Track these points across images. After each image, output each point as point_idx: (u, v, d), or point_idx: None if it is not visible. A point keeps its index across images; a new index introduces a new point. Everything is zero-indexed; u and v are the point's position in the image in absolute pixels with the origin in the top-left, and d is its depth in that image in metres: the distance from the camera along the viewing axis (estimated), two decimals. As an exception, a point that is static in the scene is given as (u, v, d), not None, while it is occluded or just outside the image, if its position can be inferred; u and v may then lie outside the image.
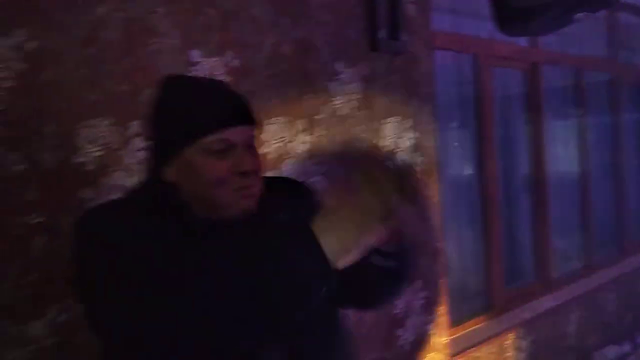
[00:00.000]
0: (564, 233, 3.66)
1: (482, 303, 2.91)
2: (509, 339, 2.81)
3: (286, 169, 1.80)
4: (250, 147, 0.94)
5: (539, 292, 3.24)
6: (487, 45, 2.89)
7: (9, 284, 1.26)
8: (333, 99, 1.97)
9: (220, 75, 1.63)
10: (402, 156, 2.21)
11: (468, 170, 2.98)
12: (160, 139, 0.94)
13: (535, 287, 3.26)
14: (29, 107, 1.29)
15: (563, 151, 3.79)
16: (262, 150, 1.50)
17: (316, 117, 1.91)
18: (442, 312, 2.38)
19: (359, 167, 0.83)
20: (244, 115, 0.94)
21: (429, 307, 2.32)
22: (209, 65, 1.61)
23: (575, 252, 3.74)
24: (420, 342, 2.28)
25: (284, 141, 1.81)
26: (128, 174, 1.44)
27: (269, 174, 1.75)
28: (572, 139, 3.81)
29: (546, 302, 3.19)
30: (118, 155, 1.42)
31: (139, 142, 1.45)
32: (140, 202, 0.92)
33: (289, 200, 1.01)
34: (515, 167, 3.30)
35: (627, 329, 3.79)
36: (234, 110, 0.93)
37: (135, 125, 1.45)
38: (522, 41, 3.19)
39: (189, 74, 1.52)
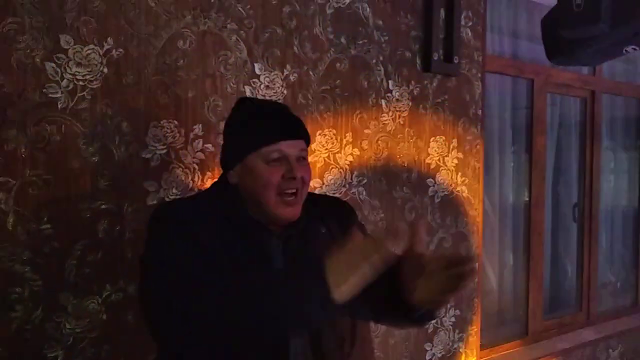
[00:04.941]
0: (614, 267, 3.55)
1: (519, 329, 2.87)
2: (542, 367, 2.77)
3: (330, 179, 1.89)
4: (302, 159, 1.11)
5: (579, 324, 3.17)
6: (544, 71, 2.84)
7: (75, 261, 1.41)
8: (382, 115, 2.04)
9: (279, 87, 1.75)
10: (445, 175, 2.25)
11: (517, 194, 2.95)
12: (230, 148, 1.13)
13: (576, 319, 3.18)
14: (110, 106, 1.45)
15: (618, 183, 3.67)
16: (310, 159, 1.59)
17: (365, 131, 1.98)
18: (474, 332, 2.38)
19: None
20: (297, 132, 1.11)
21: (460, 326, 2.33)
22: (269, 78, 1.73)
23: (624, 288, 3.61)
24: (448, 358, 2.30)
25: (332, 152, 1.90)
26: (187, 172, 1.58)
27: (315, 182, 1.86)
28: (630, 171, 3.69)
29: (586, 334, 3.10)
30: (180, 154, 1.57)
31: (199, 144, 1.60)
32: (209, 199, 1.11)
33: (331, 217, 1.16)
34: (567, 196, 3.23)
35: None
36: (289, 127, 1.11)
37: (197, 129, 1.59)
38: (583, 69, 3.12)
39: (259, 97, 1.69)
